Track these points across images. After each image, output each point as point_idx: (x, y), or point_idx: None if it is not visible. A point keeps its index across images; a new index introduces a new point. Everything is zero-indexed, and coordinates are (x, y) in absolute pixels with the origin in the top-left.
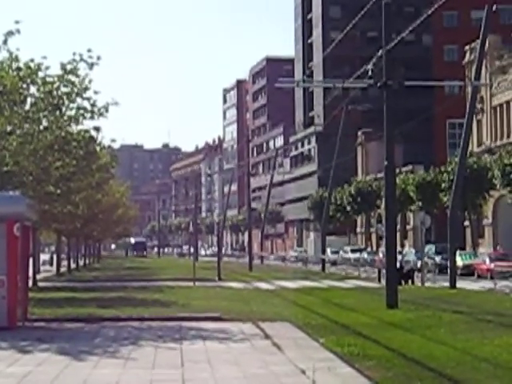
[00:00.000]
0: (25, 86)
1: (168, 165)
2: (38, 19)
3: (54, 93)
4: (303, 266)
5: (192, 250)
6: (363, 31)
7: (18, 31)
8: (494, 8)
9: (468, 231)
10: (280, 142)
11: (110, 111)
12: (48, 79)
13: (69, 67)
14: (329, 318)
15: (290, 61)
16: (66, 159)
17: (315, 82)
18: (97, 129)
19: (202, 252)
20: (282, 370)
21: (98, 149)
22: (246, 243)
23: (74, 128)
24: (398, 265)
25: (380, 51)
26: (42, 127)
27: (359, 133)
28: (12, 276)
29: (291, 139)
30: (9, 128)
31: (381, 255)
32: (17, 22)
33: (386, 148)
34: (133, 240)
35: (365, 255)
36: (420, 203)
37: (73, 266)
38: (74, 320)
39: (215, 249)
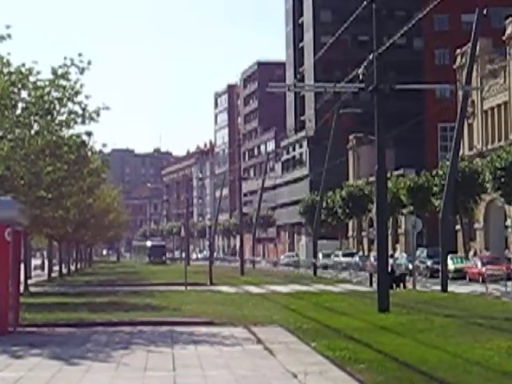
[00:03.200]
0: (16, 90)
1: (159, 169)
2: (29, 24)
3: (46, 97)
4: (295, 270)
5: (184, 254)
6: (354, 35)
7: (9, 36)
8: (485, 12)
9: (459, 235)
10: (271, 146)
11: (101, 116)
12: (39, 84)
13: (60, 72)
14: (320, 322)
15: (281, 65)
16: (57, 164)
17: (306, 86)
18: (88, 133)
19: (194, 256)
20: (274, 374)
21: (89, 153)
22: (237, 247)
23: (66, 133)
24: (389, 269)
25: (371, 55)
26: (33, 132)
27: (350, 137)
28: (3, 281)
29: (282, 143)
30: (0, 133)
31: (372, 259)
32: (7, 27)
33: (377, 152)
34: (149, 243)
35: (356, 259)
36: (411, 207)
37: (64, 270)
38: (65, 325)
39: (207, 253)
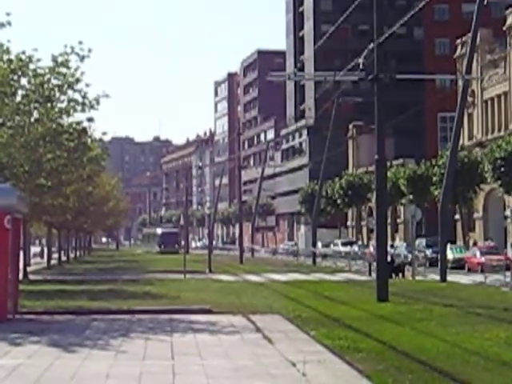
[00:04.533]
0: (16, 77)
1: (159, 157)
2: (30, 11)
3: (46, 85)
4: (294, 259)
5: (183, 242)
6: (354, 24)
7: (9, 23)
8: (485, 2)
9: (459, 225)
10: (271, 135)
11: (100, 104)
12: (39, 71)
13: (60, 59)
14: (319, 311)
15: (282, 54)
16: (57, 151)
17: (306, 75)
18: (90, 119)
19: (193, 245)
20: (273, 362)
21: (89, 141)
22: (236, 236)
23: (66, 120)
24: (388, 258)
25: (371, 44)
26: (33, 119)
27: (350, 126)
28: (2, 268)
29: (282, 132)
30: (0, 120)
31: (371, 248)
32: (8, 14)
33: (377, 141)
34: (159, 230)
35: (355, 248)
36: (411, 196)
37: (63, 258)
38: (64, 312)
39: (206, 241)
